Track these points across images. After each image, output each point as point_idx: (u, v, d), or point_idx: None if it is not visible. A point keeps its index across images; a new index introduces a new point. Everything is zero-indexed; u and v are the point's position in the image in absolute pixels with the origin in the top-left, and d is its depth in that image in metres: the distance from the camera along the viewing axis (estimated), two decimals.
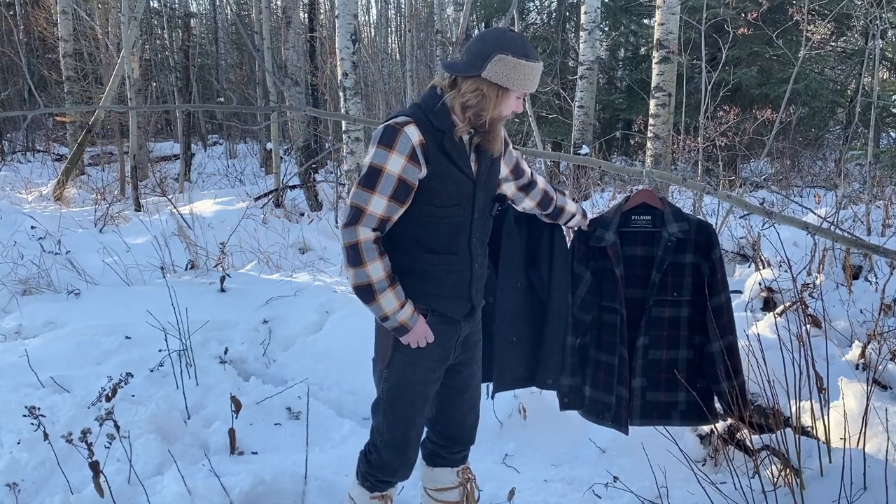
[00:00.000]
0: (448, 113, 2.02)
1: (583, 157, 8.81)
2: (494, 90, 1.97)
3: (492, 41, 1.96)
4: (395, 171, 1.95)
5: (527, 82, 1.99)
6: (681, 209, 2.60)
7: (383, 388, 2.17)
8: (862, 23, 8.96)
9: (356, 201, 1.97)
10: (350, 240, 1.97)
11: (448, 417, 2.35)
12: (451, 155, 2.02)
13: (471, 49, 2.00)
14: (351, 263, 1.99)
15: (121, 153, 11.31)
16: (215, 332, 4.07)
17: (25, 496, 2.71)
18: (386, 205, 1.96)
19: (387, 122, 2.01)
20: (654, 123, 6.78)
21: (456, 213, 2.07)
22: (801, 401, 2.63)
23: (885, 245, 3.51)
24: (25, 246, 5.69)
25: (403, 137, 1.95)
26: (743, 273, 5.15)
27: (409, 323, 2.04)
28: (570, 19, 14.76)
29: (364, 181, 1.97)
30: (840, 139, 13.22)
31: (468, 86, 1.98)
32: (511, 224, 2.54)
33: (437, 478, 2.42)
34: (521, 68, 1.96)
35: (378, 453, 2.23)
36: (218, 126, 20.44)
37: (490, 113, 2.01)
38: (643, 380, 2.61)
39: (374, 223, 1.97)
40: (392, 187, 1.95)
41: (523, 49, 1.96)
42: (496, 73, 1.95)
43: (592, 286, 2.61)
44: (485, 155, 2.12)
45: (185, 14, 21.47)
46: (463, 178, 2.06)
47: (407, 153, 1.95)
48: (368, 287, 1.99)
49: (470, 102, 1.99)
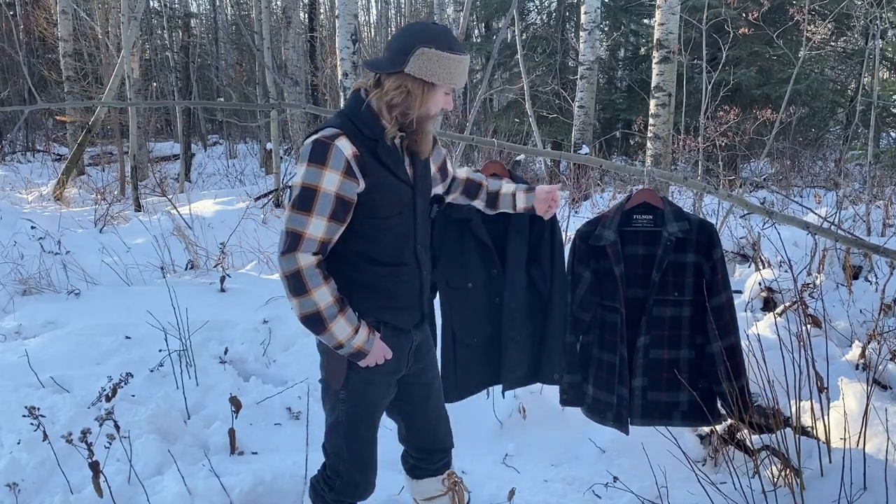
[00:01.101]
0: (376, 117, 1.90)
1: (583, 156, 8.80)
2: (419, 86, 1.86)
3: (413, 35, 1.85)
4: (332, 189, 1.82)
5: (453, 76, 1.87)
6: (682, 208, 2.59)
7: (341, 409, 2.06)
8: (862, 23, 8.95)
9: (292, 226, 1.83)
10: (290, 268, 1.83)
11: (419, 431, 2.28)
12: (387, 163, 1.91)
13: (392, 45, 1.89)
14: (294, 293, 1.85)
15: (121, 153, 11.31)
16: (215, 332, 4.07)
17: (25, 496, 2.71)
18: (326, 226, 1.84)
19: (314, 136, 1.87)
20: (654, 123, 6.79)
21: (399, 222, 1.98)
22: (801, 401, 2.63)
23: (885, 245, 3.50)
24: (25, 246, 5.68)
25: (336, 152, 1.82)
26: (743, 273, 5.15)
27: (365, 347, 1.94)
28: (570, 19, 14.75)
29: (298, 203, 1.83)
30: (840, 139, 13.22)
31: (391, 83, 1.86)
32: (521, 223, 2.55)
33: (425, 489, 2.36)
34: (446, 62, 1.84)
35: (341, 477, 2.13)
36: (218, 126, 20.44)
37: (417, 111, 1.89)
38: (644, 379, 2.62)
39: (315, 247, 1.84)
40: (330, 207, 1.83)
41: (447, 42, 1.85)
42: (419, 68, 1.84)
43: (592, 285, 2.61)
44: (417, 157, 2.03)
45: (185, 14, 21.48)
46: (402, 185, 1.96)
47: (342, 168, 1.82)
48: (317, 316, 1.86)
49: (395, 101, 1.87)
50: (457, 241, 2.51)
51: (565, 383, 2.70)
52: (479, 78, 16.51)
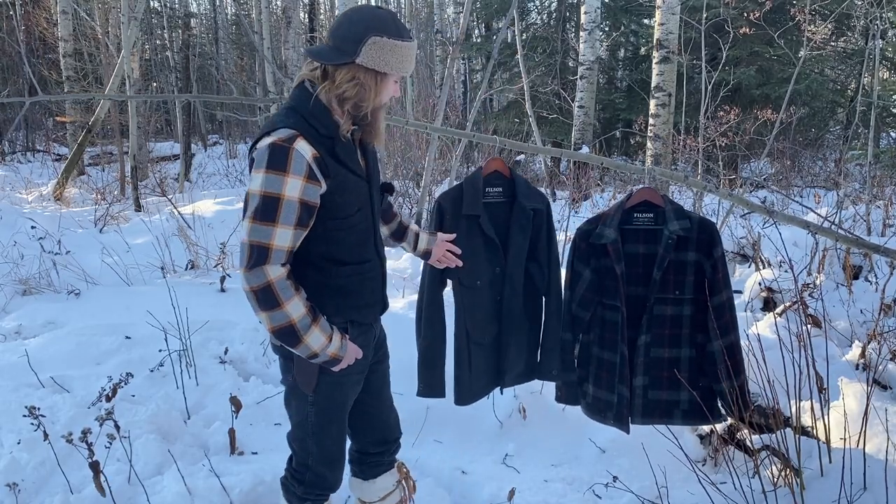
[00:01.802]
0: (328, 112, 1.81)
1: (584, 153, 8.80)
2: (372, 77, 1.77)
3: (361, 22, 1.75)
4: (295, 196, 1.72)
5: (405, 64, 1.80)
6: (682, 207, 2.59)
7: (310, 411, 2.01)
8: (862, 23, 8.95)
9: (257, 239, 1.72)
10: (259, 283, 1.72)
11: (375, 422, 2.25)
12: (345, 161, 1.84)
13: (338, 33, 1.77)
14: (264, 307, 1.75)
15: (121, 153, 11.31)
16: (215, 332, 4.06)
17: (25, 496, 2.71)
18: (292, 234, 1.75)
19: (268, 139, 1.74)
20: (654, 123, 6.78)
21: (360, 219, 1.91)
22: (801, 401, 2.63)
23: (885, 245, 3.50)
24: (25, 246, 5.68)
25: (296, 156, 1.72)
26: (743, 273, 5.15)
27: (339, 353, 1.89)
28: (570, 19, 14.75)
29: (261, 214, 1.71)
30: (840, 139, 13.22)
31: (343, 75, 1.77)
32: (524, 220, 2.54)
33: (380, 486, 2.32)
34: (399, 49, 1.76)
35: (312, 471, 2.10)
36: (218, 126, 20.44)
37: (371, 102, 1.82)
38: (645, 378, 2.62)
39: (283, 258, 1.75)
40: (295, 214, 1.73)
41: (396, 28, 1.77)
42: (372, 59, 1.74)
43: (592, 284, 2.61)
44: (368, 148, 1.96)
45: (185, 14, 21.48)
46: (359, 181, 1.90)
47: (304, 173, 1.73)
48: (290, 328, 1.78)
49: (348, 94, 1.78)
50: (466, 238, 2.50)
51: (560, 380, 2.71)
52: (480, 78, 16.51)
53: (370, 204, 1.96)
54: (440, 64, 17.34)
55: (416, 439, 3.15)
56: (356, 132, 1.90)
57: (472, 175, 2.63)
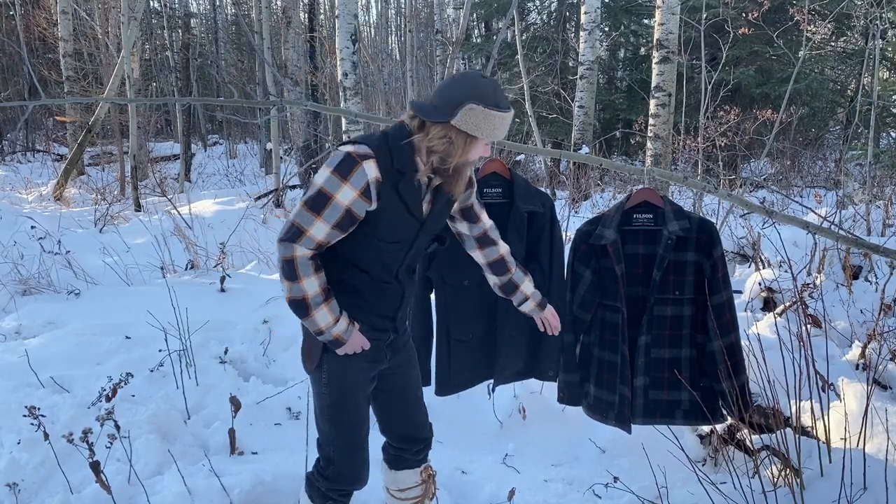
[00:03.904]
0: (412, 153, 1.97)
1: (584, 154, 8.80)
2: (462, 138, 1.93)
3: (464, 88, 1.91)
4: (344, 203, 1.91)
5: (496, 132, 1.95)
6: (682, 207, 2.60)
7: (325, 392, 2.15)
8: (862, 23, 8.95)
9: (299, 221, 1.93)
10: (286, 254, 1.94)
11: (398, 418, 2.36)
12: (405, 198, 1.98)
13: (442, 94, 1.95)
14: (286, 277, 1.97)
15: (121, 153, 11.31)
16: (215, 332, 4.06)
17: (25, 496, 2.71)
18: (328, 231, 1.94)
19: (348, 147, 1.94)
20: (654, 123, 6.78)
21: (393, 248, 2.05)
22: (801, 401, 2.63)
23: (885, 245, 3.50)
24: (25, 246, 5.68)
25: (360, 172, 1.90)
26: (743, 273, 5.15)
27: (343, 336, 2.04)
28: (570, 19, 14.75)
29: (311, 203, 1.92)
30: (840, 139, 13.21)
31: (436, 132, 1.93)
32: (519, 222, 2.55)
33: (401, 479, 2.43)
34: (492, 119, 1.92)
35: (334, 465, 2.20)
36: (218, 126, 20.44)
37: (456, 160, 1.97)
38: (646, 378, 2.62)
39: (313, 245, 1.94)
40: (338, 217, 1.92)
41: (494, 98, 1.92)
42: (466, 122, 1.90)
43: (592, 285, 2.61)
44: (442, 196, 2.09)
45: (185, 14, 21.47)
46: (411, 220, 2.03)
47: (360, 188, 1.91)
48: (303, 301, 1.97)
49: (436, 148, 1.95)
50: (453, 238, 2.52)
51: (562, 381, 2.72)
52: None
53: (412, 242, 2.08)
54: (440, 64, 17.34)
55: None
56: (432, 179, 2.05)
57: None
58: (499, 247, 2.35)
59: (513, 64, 14.16)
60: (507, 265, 2.37)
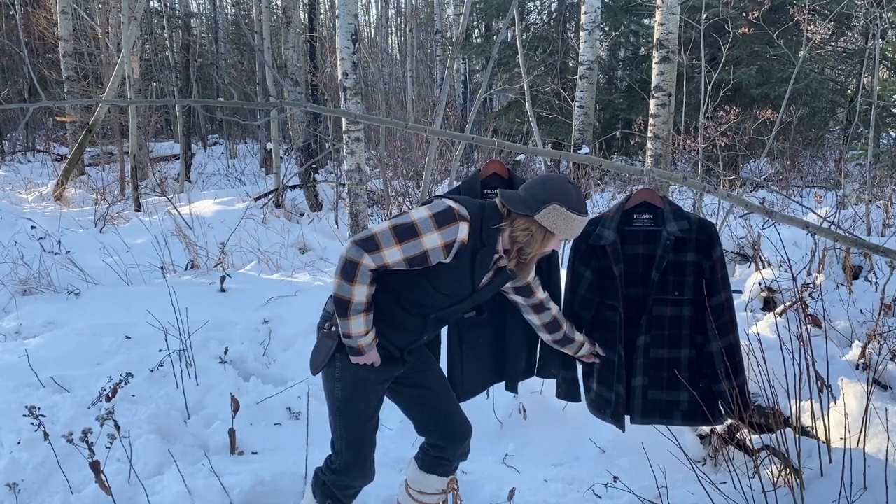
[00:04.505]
0: (497, 236, 2.16)
1: (584, 155, 8.81)
2: (542, 232, 2.14)
3: (551, 190, 2.12)
4: (427, 246, 2.05)
5: (572, 231, 2.18)
6: (681, 208, 2.59)
7: (337, 386, 2.26)
8: (862, 23, 8.95)
9: (380, 238, 2.05)
10: (354, 257, 2.05)
11: (439, 414, 2.43)
12: (476, 266, 2.15)
13: (531, 191, 2.15)
14: (343, 276, 2.07)
15: (121, 153, 11.31)
16: (215, 332, 4.07)
17: (25, 496, 2.71)
18: (398, 260, 2.06)
19: (452, 203, 2.09)
20: (654, 123, 6.77)
21: (437, 298, 2.18)
22: (801, 401, 2.63)
23: (885, 245, 3.50)
24: (25, 246, 5.68)
25: (454, 229, 2.06)
26: (743, 273, 5.15)
27: (366, 349, 2.17)
28: (570, 19, 14.74)
29: (398, 229, 2.05)
30: (840, 139, 13.21)
31: (521, 223, 2.14)
32: None
33: (427, 483, 2.49)
34: (571, 220, 2.13)
35: (341, 457, 2.31)
36: (218, 126, 20.42)
37: (534, 251, 2.18)
38: (644, 378, 2.62)
39: (380, 263, 2.07)
40: (414, 253, 2.06)
41: (577, 203, 2.13)
42: (548, 220, 2.11)
43: (593, 284, 2.62)
44: (502, 276, 2.25)
45: (185, 14, 21.45)
46: (468, 285, 2.19)
47: (446, 241, 2.06)
48: (347, 303, 2.09)
49: (519, 238, 2.15)
50: None
51: (561, 378, 2.76)
52: (480, 79, 16.50)
53: (456, 302, 2.23)
54: (440, 64, 17.34)
55: (416, 438, 3.14)
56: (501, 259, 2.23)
57: (469, 179, 2.65)
58: (552, 310, 2.49)
59: (513, 64, 14.15)
60: (559, 323, 2.52)
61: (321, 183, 10.74)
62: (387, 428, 3.26)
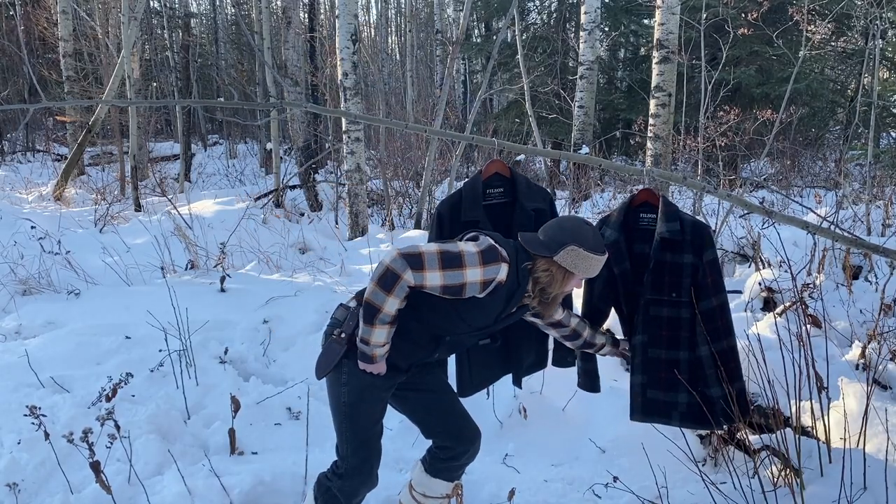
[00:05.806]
0: (526, 278, 2.23)
1: (583, 155, 8.79)
2: (562, 272, 2.22)
3: (569, 231, 2.21)
4: (467, 279, 2.10)
5: (590, 271, 2.26)
6: (678, 210, 2.59)
7: (344, 390, 2.27)
8: (862, 23, 8.95)
9: (426, 259, 2.08)
10: (397, 269, 2.07)
11: (445, 416, 2.45)
12: (508, 304, 2.22)
13: (550, 233, 2.24)
14: (381, 284, 2.09)
15: (121, 153, 11.31)
16: (215, 332, 4.06)
17: (25, 496, 2.71)
18: (437, 285, 2.10)
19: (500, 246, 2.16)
20: (654, 123, 6.78)
21: (457, 324, 2.23)
22: (801, 401, 2.63)
23: (885, 245, 3.50)
24: (25, 246, 5.68)
25: (495, 269, 2.12)
26: (743, 273, 5.14)
27: (378, 359, 2.20)
28: (570, 19, 14.75)
29: (445, 255, 2.09)
30: (840, 139, 13.21)
31: (541, 264, 2.22)
32: (525, 219, 2.56)
33: (433, 486, 2.51)
34: (589, 261, 2.21)
35: (347, 462, 2.32)
36: (218, 126, 20.43)
37: (555, 291, 2.25)
38: (643, 377, 2.62)
39: (420, 282, 2.09)
40: (453, 283, 2.10)
41: (594, 244, 2.22)
42: (567, 260, 2.20)
43: (607, 280, 2.63)
44: (523, 310, 2.32)
45: (185, 14, 21.46)
46: (489, 319, 2.25)
47: (486, 278, 2.11)
48: (377, 311, 2.11)
49: (541, 279, 2.23)
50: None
51: (581, 369, 2.76)
52: (480, 79, 16.50)
53: (475, 330, 2.28)
54: (440, 64, 17.34)
55: (415, 439, 3.15)
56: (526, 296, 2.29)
57: (471, 179, 2.65)
58: (570, 325, 2.54)
59: (513, 64, 14.16)
60: (579, 333, 2.56)
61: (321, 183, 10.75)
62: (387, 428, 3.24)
